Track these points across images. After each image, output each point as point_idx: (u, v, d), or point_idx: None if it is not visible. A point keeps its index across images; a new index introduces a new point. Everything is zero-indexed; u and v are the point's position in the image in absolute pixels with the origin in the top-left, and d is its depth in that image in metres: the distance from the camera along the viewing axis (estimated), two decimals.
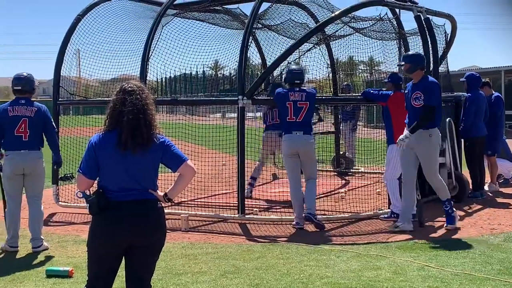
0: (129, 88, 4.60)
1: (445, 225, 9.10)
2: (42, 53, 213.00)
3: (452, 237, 8.63)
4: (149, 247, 4.59)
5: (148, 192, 4.57)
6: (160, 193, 4.66)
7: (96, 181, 4.66)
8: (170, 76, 13.93)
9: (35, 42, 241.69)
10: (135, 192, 4.53)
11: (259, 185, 12.69)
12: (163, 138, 4.65)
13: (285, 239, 8.73)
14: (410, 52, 9.86)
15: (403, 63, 9.28)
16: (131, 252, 4.58)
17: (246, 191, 10.85)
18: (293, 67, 9.97)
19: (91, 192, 4.60)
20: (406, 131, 8.90)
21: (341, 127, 15.26)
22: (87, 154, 4.59)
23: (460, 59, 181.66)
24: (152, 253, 4.64)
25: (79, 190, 4.66)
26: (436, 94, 9.07)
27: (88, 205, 4.54)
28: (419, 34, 11.29)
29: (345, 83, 15.62)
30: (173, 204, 10.49)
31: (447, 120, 11.32)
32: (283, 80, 9.90)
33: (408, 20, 12.56)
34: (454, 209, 9.13)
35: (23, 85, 8.32)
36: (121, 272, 4.71)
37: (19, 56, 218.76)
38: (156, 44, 11.34)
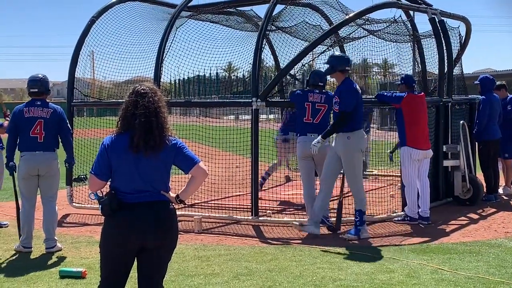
0: (142, 90, 4.61)
1: (347, 233, 8.89)
2: (57, 55, 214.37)
3: (466, 240, 8.59)
4: (161, 249, 4.60)
5: (160, 194, 4.58)
6: (172, 194, 4.67)
7: (108, 183, 4.67)
8: (183, 78, 13.96)
9: (50, 44, 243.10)
10: (147, 194, 4.54)
11: (272, 187, 12.69)
12: (175, 140, 4.65)
13: (298, 241, 8.72)
14: (335, 53, 9.61)
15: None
16: (143, 254, 4.59)
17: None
18: (316, 69, 9.92)
19: (104, 194, 4.62)
20: (319, 137, 8.78)
21: None
22: (100, 156, 4.61)
23: (475, 61, 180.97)
24: (164, 255, 4.66)
25: (92, 192, 4.68)
26: (350, 99, 8.72)
27: (100, 206, 4.56)
28: (433, 36, 11.27)
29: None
30: (186, 206, 10.53)
31: (461, 122, 11.28)
32: (305, 84, 9.83)
33: (423, 22, 12.51)
34: (364, 223, 8.81)
35: (39, 87, 8.36)
36: (134, 273, 4.72)
37: (33, 58, 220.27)
38: (170, 46, 11.37)
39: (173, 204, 4.68)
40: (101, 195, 4.63)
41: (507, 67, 46.08)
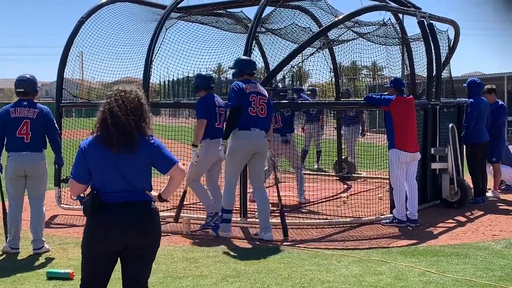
0: (121, 92, 4.59)
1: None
2: (46, 55, 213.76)
3: (454, 243, 8.61)
4: (144, 249, 4.59)
5: (142, 194, 4.57)
6: (155, 193, 4.67)
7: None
8: (173, 79, 13.97)
9: (39, 44, 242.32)
10: (129, 194, 4.52)
11: None
12: (153, 140, 4.63)
13: (287, 243, 8.72)
14: (241, 57, 9.56)
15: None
16: (126, 254, 4.58)
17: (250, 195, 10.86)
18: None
19: (86, 194, 4.60)
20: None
21: (342, 132, 15.27)
22: (78, 159, 4.59)
23: (464, 65, 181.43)
24: (147, 255, 4.64)
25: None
26: (233, 96, 8.87)
27: (82, 207, 4.55)
28: (422, 39, 11.31)
29: (344, 87, 15.62)
30: (174, 207, 10.49)
31: (450, 125, 11.32)
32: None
33: (412, 25, 12.57)
34: (223, 221, 9.06)
35: (26, 87, 8.32)
36: (120, 274, 4.70)
37: (22, 58, 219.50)
38: (159, 47, 11.35)
39: (156, 203, 4.68)
40: (83, 196, 4.62)
41: (495, 71, 46.27)
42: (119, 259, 4.64)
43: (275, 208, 11.21)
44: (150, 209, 4.62)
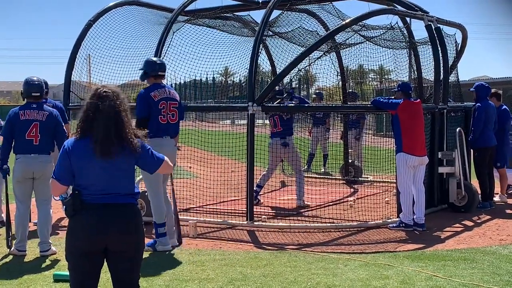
0: (104, 93, 4.57)
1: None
2: (53, 58, 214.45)
3: (461, 247, 8.59)
4: (127, 252, 4.59)
5: (124, 196, 4.58)
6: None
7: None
8: (180, 82, 13.95)
9: (46, 47, 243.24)
10: (111, 196, 4.53)
11: (267, 192, 12.68)
12: (139, 143, 4.63)
13: (293, 246, 8.71)
14: (151, 58, 9.08)
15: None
16: (111, 257, 4.59)
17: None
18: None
19: (69, 194, 4.60)
20: None
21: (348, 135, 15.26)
22: (61, 160, 4.57)
23: (471, 69, 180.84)
24: (130, 257, 4.63)
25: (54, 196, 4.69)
26: (139, 106, 8.44)
27: (64, 207, 4.55)
28: (429, 43, 11.29)
29: (349, 90, 15.57)
30: (181, 210, 10.51)
31: (457, 129, 11.30)
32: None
33: (419, 29, 12.55)
34: (160, 236, 8.40)
35: (41, 91, 8.36)
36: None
37: (30, 60, 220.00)
38: (166, 50, 11.38)
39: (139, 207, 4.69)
40: (65, 196, 4.61)
41: (502, 75, 46.14)
42: (106, 262, 4.66)
43: (281, 212, 11.25)
44: (132, 211, 4.63)
